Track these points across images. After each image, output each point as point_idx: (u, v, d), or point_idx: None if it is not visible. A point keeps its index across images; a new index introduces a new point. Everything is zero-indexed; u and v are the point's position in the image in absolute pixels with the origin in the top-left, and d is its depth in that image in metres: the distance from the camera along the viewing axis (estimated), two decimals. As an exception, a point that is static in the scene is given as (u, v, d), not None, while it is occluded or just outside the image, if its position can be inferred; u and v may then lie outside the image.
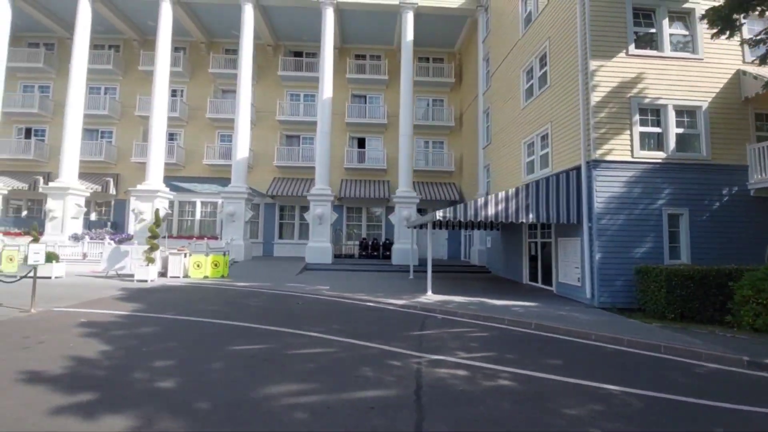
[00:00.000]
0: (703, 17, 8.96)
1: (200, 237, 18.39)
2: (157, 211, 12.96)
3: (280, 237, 21.92)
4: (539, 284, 12.50)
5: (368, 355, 5.39)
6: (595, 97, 9.77)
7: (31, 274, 7.63)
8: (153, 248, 11.89)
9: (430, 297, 10.03)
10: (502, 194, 10.00)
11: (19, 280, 8.25)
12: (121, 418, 3.34)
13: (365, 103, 22.64)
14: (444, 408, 3.80)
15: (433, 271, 16.04)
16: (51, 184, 17.33)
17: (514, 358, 5.48)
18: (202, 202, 20.58)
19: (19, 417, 3.31)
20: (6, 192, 18.48)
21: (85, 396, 3.76)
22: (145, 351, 5.22)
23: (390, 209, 21.77)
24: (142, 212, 16.86)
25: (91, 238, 15.19)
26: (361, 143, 22.60)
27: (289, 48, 22.67)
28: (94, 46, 21.47)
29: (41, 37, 22.20)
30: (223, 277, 13.20)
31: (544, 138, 12.15)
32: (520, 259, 13.70)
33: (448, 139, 22.61)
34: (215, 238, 17.70)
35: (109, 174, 21.44)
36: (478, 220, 9.86)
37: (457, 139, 22.44)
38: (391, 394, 4.09)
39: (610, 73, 9.88)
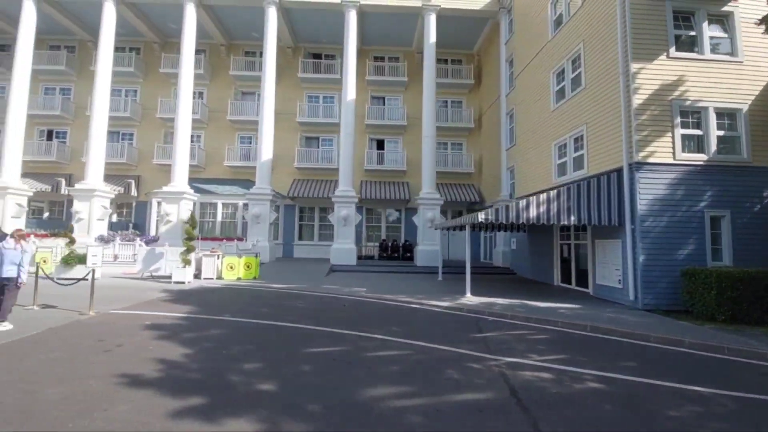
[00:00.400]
0: (760, 21, 9.02)
1: (222, 239, 18.45)
2: (192, 214, 13.03)
3: (300, 238, 21.98)
4: (573, 286, 12.51)
5: (444, 358, 5.42)
6: (637, 100, 9.79)
7: (80, 276, 7.69)
8: (189, 250, 11.95)
9: (471, 299, 10.06)
10: (543, 196, 10.03)
11: (77, 282, 8.31)
12: (244, 422, 3.38)
13: (384, 104, 22.69)
14: (549, 410, 3.84)
15: (462, 273, 16.12)
16: (77, 185, 17.42)
17: (587, 360, 5.50)
18: (223, 204, 20.63)
19: (143, 421, 3.35)
20: (31, 194, 18.55)
21: (196, 399, 3.80)
22: (225, 354, 5.26)
23: (409, 210, 21.85)
24: (168, 214, 16.94)
25: (122, 240, 15.26)
26: (380, 145, 22.66)
27: (308, 50, 22.75)
28: (115, 48, 21.50)
29: (63, 40, 22.33)
30: (255, 278, 13.25)
31: (577, 140, 12.18)
32: (551, 261, 13.72)
33: (466, 140, 22.66)
34: (240, 239, 17.75)
35: (130, 176, 21.54)
36: (520, 222, 9.88)
37: (476, 140, 22.48)
38: (489, 397, 4.12)
39: (651, 75, 9.91)
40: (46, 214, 21.79)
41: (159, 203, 19.79)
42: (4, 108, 21.71)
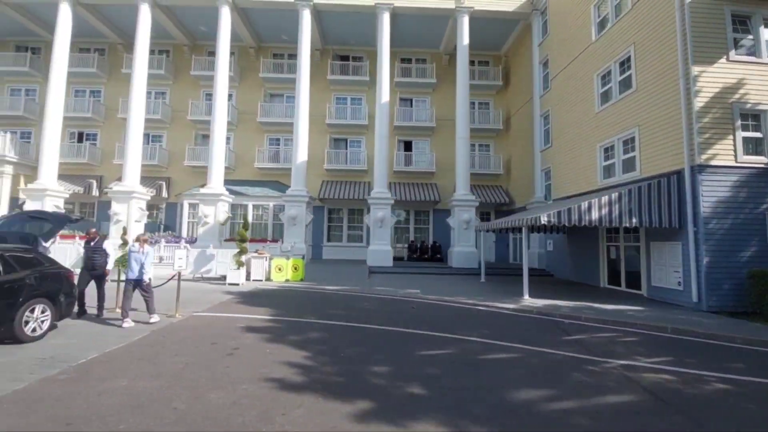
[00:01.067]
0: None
1: (259, 240, 18.52)
2: (245, 216, 13.11)
3: (329, 240, 22.05)
4: (622, 288, 12.57)
5: (556, 360, 5.50)
6: (698, 103, 9.86)
7: (161, 278, 7.78)
8: (242, 252, 12.04)
9: (533, 301, 10.13)
10: (605, 198, 10.11)
11: (164, 284, 8.43)
12: (426, 424, 3.46)
13: (411, 106, 22.76)
14: (701, 411, 3.91)
15: (499, 274, 16.19)
16: (115, 187, 17.53)
17: (695, 362, 5.57)
18: (254, 205, 20.71)
19: (331, 425, 3.43)
20: (67, 195, 18.68)
21: (362, 403, 3.88)
22: (345, 357, 5.35)
23: (438, 212, 21.93)
24: (206, 216, 17.03)
25: (167, 242, 15.35)
26: (408, 146, 22.74)
27: (336, 52, 22.83)
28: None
29: (93, 43, 22.43)
30: (302, 280, 13.34)
31: (627, 142, 12.24)
32: (597, 263, 13.77)
33: (494, 141, 22.71)
34: (275, 240, 17.82)
35: (161, 178, 21.65)
36: (582, 224, 9.95)
37: (504, 141, 22.54)
38: (634, 399, 4.20)
39: (712, 78, 9.97)
40: (76, 216, 21.87)
41: (190, 205, 19.95)
42: (34, 110, 22.00)
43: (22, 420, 3.31)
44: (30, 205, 17.11)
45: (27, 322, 5.55)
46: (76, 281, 6.83)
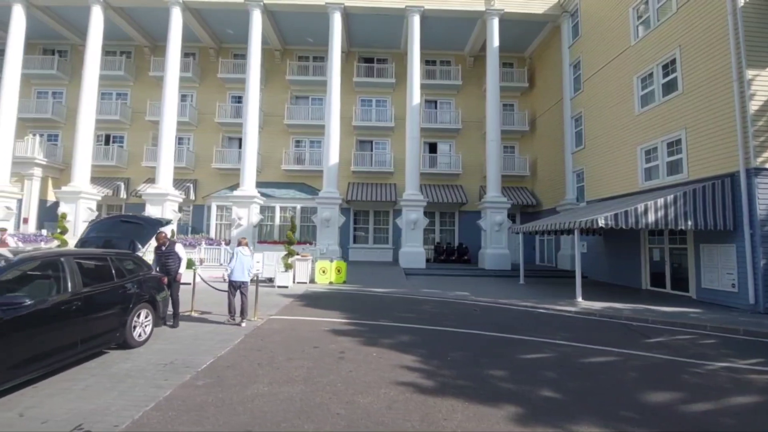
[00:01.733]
0: None
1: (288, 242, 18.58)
2: (292, 219, 13.21)
3: (354, 242, 22.13)
4: (667, 290, 12.64)
5: (657, 363, 5.58)
6: (753, 106, 9.94)
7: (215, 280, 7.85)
8: (290, 254, 12.12)
9: (590, 303, 10.21)
10: (661, 201, 10.19)
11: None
12: (589, 426, 3.54)
13: (436, 108, 22.84)
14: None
15: (534, 276, 16.26)
16: (149, 190, 17.63)
17: (792, 366, 5.65)
18: (281, 207, 20.80)
19: (495, 429, 3.51)
20: (100, 198, 18.77)
21: (512, 407, 3.96)
22: (452, 360, 5.43)
23: (463, 213, 22.03)
24: (240, 218, 17.13)
25: (207, 244, 15.44)
26: (433, 148, 22.82)
27: (361, 54, 22.93)
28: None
29: (119, 46, 22.51)
30: (345, 282, 13.41)
31: (672, 144, 12.32)
32: (638, 265, 13.85)
33: (519, 143, 22.80)
34: (305, 243, 17.88)
35: (187, 180, 21.73)
36: (639, 227, 10.03)
37: (530, 143, 22.62)
38: (760, 400, 4.28)
39: (767, 81, 10.05)
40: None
41: (218, 207, 20.04)
42: (61, 112, 22.08)
43: (203, 428, 3.39)
44: (64, 207, 17.17)
45: (134, 327, 5.64)
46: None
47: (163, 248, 7.79)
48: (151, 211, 17.21)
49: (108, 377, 4.50)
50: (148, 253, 8.03)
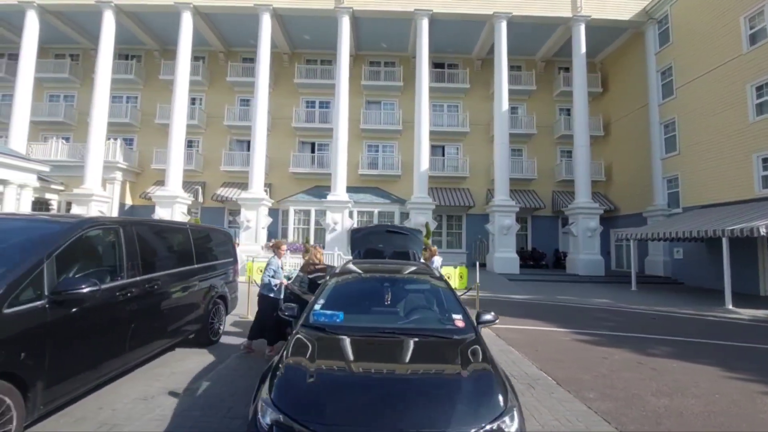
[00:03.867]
0: None
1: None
2: (427, 224, 13.26)
3: (427, 245, 22.14)
4: (795, 296, 12.69)
5: None
6: None
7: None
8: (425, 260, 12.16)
9: (753, 311, 10.25)
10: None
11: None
12: None
13: (516, 113, 22.87)
14: None
15: (640, 282, 16.25)
16: (244, 194, 17.73)
17: None
18: (359, 212, 20.85)
19: None
20: (190, 202, 18.86)
21: None
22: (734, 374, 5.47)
23: (536, 218, 22.10)
24: (336, 222, 17.20)
25: (289, 248, 15.52)
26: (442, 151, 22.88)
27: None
28: (250, 59, 22.19)
29: (197, 50, 22.57)
30: (469, 289, 13.43)
31: (800, 152, 12.38)
32: (755, 272, 13.88)
33: (592, 148, 22.79)
34: (401, 248, 17.92)
35: (264, 184, 21.78)
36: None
37: (603, 147, 22.68)
38: None
39: None
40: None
41: (296, 211, 20.14)
42: (136, 116, 22.22)
43: None
44: (160, 212, 17.27)
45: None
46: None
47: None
48: (248, 215, 17.33)
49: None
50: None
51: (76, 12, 19.45)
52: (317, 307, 3.59)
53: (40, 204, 18.13)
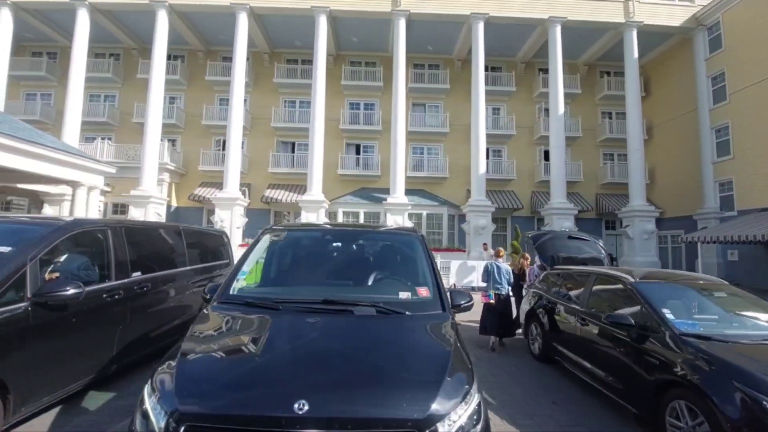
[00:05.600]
0: None
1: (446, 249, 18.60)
2: (517, 228, 13.34)
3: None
4: None
5: None
6: None
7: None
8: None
9: None
10: None
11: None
12: None
13: (567, 117, 23.01)
14: None
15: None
16: (304, 197, 17.65)
17: None
18: (408, 214, 20.83)
19: None
20: (245, 204, 18.70)
21: None
22: None
23: (581, 221, 22.32)
24: (398, 225, 17.20)
25: None
26: (547, 156, 23.06)
27: (487, 63, 23.13)
28: (309, 61, 22.20)
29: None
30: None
31: None
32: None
33: (634, 151, 23.16)
34: (461, 250, 18.02)
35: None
36: None
37: (646, 151, 22.87)
38: None
39: None
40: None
41: (345, 213, 20.13)
42: (181, 118, 21.97)
43: None
44: (220, 214, 17.10)
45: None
46: None
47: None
48: (310, 218, 17.23)
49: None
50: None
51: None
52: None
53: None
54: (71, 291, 3.16)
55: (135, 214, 16.60)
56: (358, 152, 22.69)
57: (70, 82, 17.80)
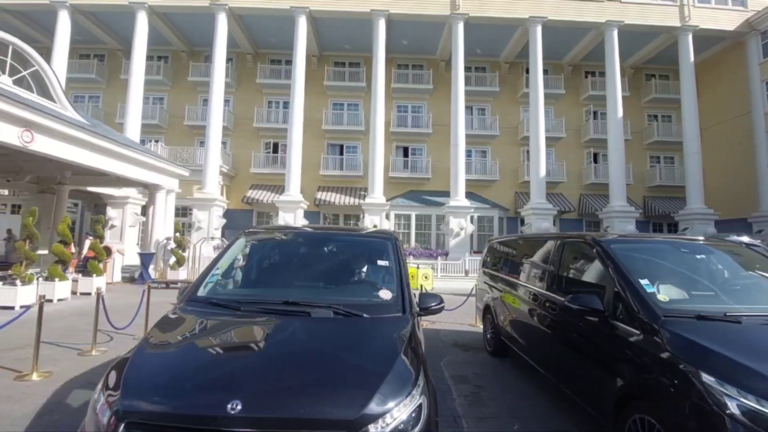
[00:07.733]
0: None
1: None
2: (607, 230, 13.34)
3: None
4: None
5: None
6: None
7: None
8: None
9: None
10: None
11: None
12: None
13: (600, 119, 23.19)
14: None
15: None
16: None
17: None
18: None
19: None
20: (305, 206, 18.68)
21: None
22: None
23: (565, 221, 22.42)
24: (463, 228, 17.27)
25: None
26: (596, 158, 23.19)
27: (526, 66, 23.28)
28: (350, 63, 22.18)
29: (283, 54, 22.48)
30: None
31: None
32: None
33: (679, 154, 23.24)
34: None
35: (359, 188, 21.74)
36: None
37: (695, 153, 23.12)
38: None
39: None
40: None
41: (396, 216, 20.14)
42: (230, 120, 21.96)
43: None
44: (284, 216, 17.07)
45: None
46: None
47: None
48: (372, 221, 17.24)
49: None
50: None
51: (184, 13, 19.14)
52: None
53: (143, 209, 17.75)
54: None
55: (200, 216, 16.55)
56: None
57: (130, 85, 17.80)
